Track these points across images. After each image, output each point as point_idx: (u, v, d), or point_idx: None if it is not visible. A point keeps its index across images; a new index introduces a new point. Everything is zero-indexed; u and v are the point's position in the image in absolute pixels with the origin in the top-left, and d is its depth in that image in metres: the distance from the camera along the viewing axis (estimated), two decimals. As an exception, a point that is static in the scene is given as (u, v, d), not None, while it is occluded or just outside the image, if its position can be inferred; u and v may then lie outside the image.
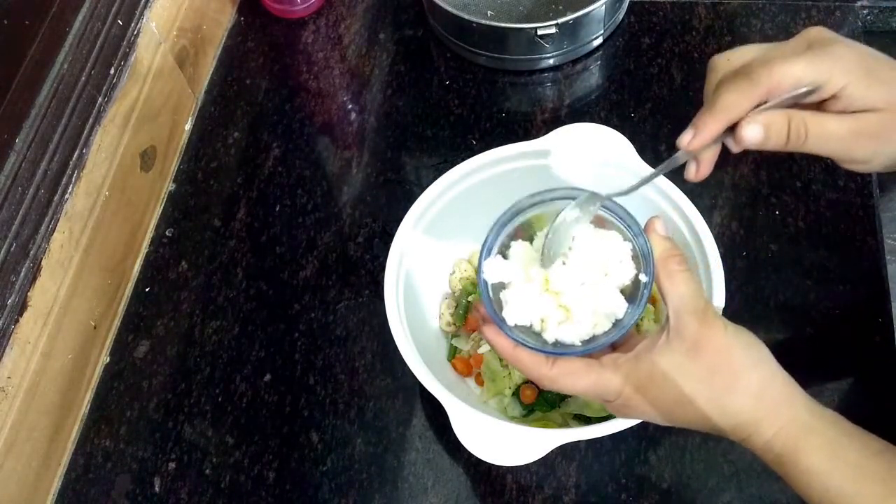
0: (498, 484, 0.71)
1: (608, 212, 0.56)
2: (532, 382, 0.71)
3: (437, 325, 0.76)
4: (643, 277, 0.53)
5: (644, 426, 0.70)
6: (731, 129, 0.51)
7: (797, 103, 0.51)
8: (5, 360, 0.68)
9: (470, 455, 0.60)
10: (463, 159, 0.73)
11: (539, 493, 0.70)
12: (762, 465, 0.68)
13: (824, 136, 0.50)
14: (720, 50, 0.56)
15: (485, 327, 0.55)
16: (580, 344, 0.54)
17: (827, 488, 0.47)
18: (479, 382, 0.73)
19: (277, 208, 0.88)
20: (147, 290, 0.85)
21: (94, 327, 0.80)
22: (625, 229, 0.55)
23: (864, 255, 0.77)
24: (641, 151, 0.71)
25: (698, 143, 0.51)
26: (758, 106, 0.51)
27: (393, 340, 0.65)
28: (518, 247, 0.57)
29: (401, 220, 0.71)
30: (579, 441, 0.70)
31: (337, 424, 0.75)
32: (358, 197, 0.88)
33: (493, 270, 0.56)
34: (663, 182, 0.69)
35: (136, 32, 0.83)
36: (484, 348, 0.72)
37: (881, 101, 0.50)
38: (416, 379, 0.64)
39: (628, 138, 0.72)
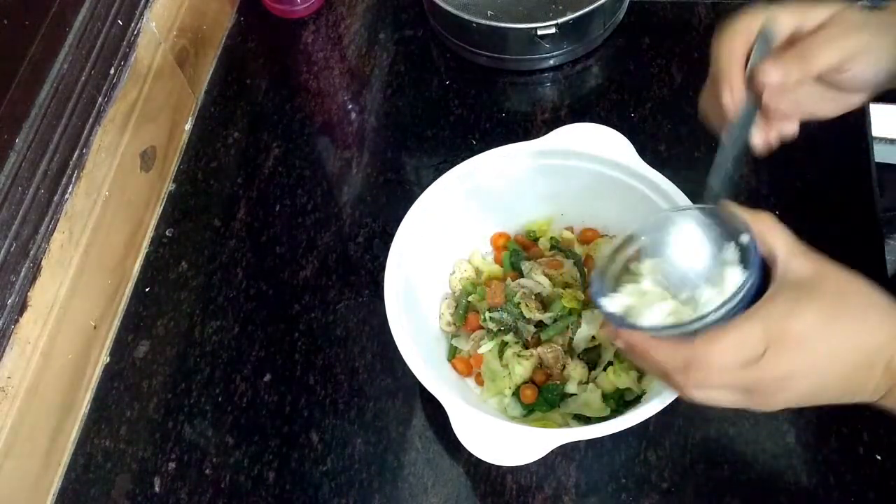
0: (498, 484, 0.71)
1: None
2: (533, 381, 0.71)
3: (437, 325, 0.76)
4: (745, 239, 0.53)
5: (644, 426, 0.70)
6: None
7: None
8: (5, 360, 0.68)
9: (470, 455, 0.61)
10: (463, 159, 0.73)
11: (539, 493, 0.70)
12: (762, 466, 0.68)
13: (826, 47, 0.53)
14: (720, 50, 0.56)
15: (619, 334, 0.54)
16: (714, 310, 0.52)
17: None
18: (479, 382, 0.73)
19: (277, 208, 0.88)
20: (147, 290, 0.85)
21: (94, 327, 0.80)
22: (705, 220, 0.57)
23: (865, 255, 0.77)
24: (641, 151, 0.71)
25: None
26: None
27: (393, 340, 0.65)
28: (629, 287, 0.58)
29: (401, 220, 0.71)
30: (579, 441, 0.70)
31: (337, 424, 0.75)
32: (358, 197, 0.88)
33: (615, 303, 0.57)
34: (664, 182, 0.69)
35: (136, 32, 0.83)
36: (484, 348, 0.72)
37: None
38: (416, 379, 0.64)
39: (628, 138, 0.72)
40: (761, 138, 0.58)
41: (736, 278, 0.53)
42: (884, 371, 0.49)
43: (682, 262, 0.56)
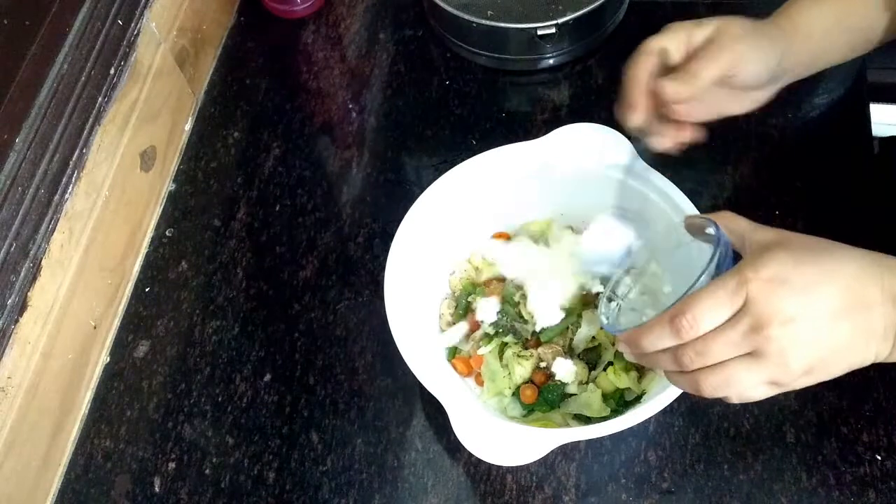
0: (498, 484, 0.71)
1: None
2: (533, 381, 0.71)
3: (437, 325, 0.76)
4: (711, 230, 0.56)
5: (644, 426, 0.70)
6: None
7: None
8: (5, 360, 0.68)
9: (470, 455, 0.61)
10: (463, 159, 0.73)
11: (539, 493, 0.70)
12: (762, 466, 0.68)
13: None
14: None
15: (618, 339, 0.57)
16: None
17: None
18: (479, 382, 0.73)
19: (277, 208, 0.88)
20: (147, 290, 0.85)
21: (94, 327, 0.80)
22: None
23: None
24: (641, 152, 0.71)
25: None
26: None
27: (393, 340, 0.65)
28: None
29: (401, 220, 0.71)
30: (579, 441, 0.70)
31: (337, 424, 0.75)
32: (358, 197, 0.88)
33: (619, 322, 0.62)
34: (664, 182, 0.69)
35: (136, 32, 0.83)
36: (484, 349, 0.72)
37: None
38: (416, 379, 0.64)
39: (628, 138, 0.72)
40: (670, 141, 0.65)
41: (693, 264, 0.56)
42: (883, 295, 0.49)
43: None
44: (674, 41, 0.63)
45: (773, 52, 0.63)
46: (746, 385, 0.51)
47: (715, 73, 0.61)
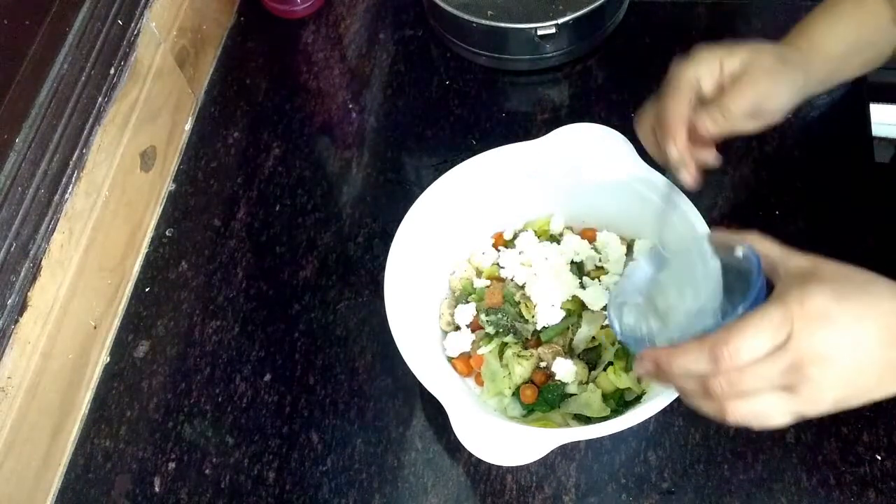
0: (498, 484, 0.71)
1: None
2: (533, 381, 0.71)
3: (437, 325, 0.76)
4: (740, 251, 0.56)
5: (644, 426, 0.70)
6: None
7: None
8: (5, 360, 0.68)
9: (470, 455, 0.61)
10: (463, 159, 0.73)
11: (539, 493, 0.70)
12: (762, 466, 0.68)
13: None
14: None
15: (642, 357, 0.55)
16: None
17: None
18: (479, 382, 0.73)
19: (277, 208, 0.88)
20: (147, 290, 0.85)
21: (94, 327, 0.80)
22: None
23: (865, 255, 0.77)
24: (641, 151, 0.71)
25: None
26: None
27: (393, 340, 0.65)
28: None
29: (401, 220, 0.71)
30: (579, 441, 0.70)
31: (337, 424, 0.75)
32: (358, 197, 0.88)
33: (629, 326, 0.62)
34: (663, 183, 0.69)
35: (136, 32, 0.83)
36: (483, 349, 0.72)
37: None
38: (416, 379, 0.64)
39: (628, 138, 0.72)
40: (690, 178, 0.66)
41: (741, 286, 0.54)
42: None
43: (690, 288, 0.61)
44: (707, 71, 0.64)
45: (798, 83, 0.65)
46: (772, 415, 0.50)
47: (747, 108, 0.63)
